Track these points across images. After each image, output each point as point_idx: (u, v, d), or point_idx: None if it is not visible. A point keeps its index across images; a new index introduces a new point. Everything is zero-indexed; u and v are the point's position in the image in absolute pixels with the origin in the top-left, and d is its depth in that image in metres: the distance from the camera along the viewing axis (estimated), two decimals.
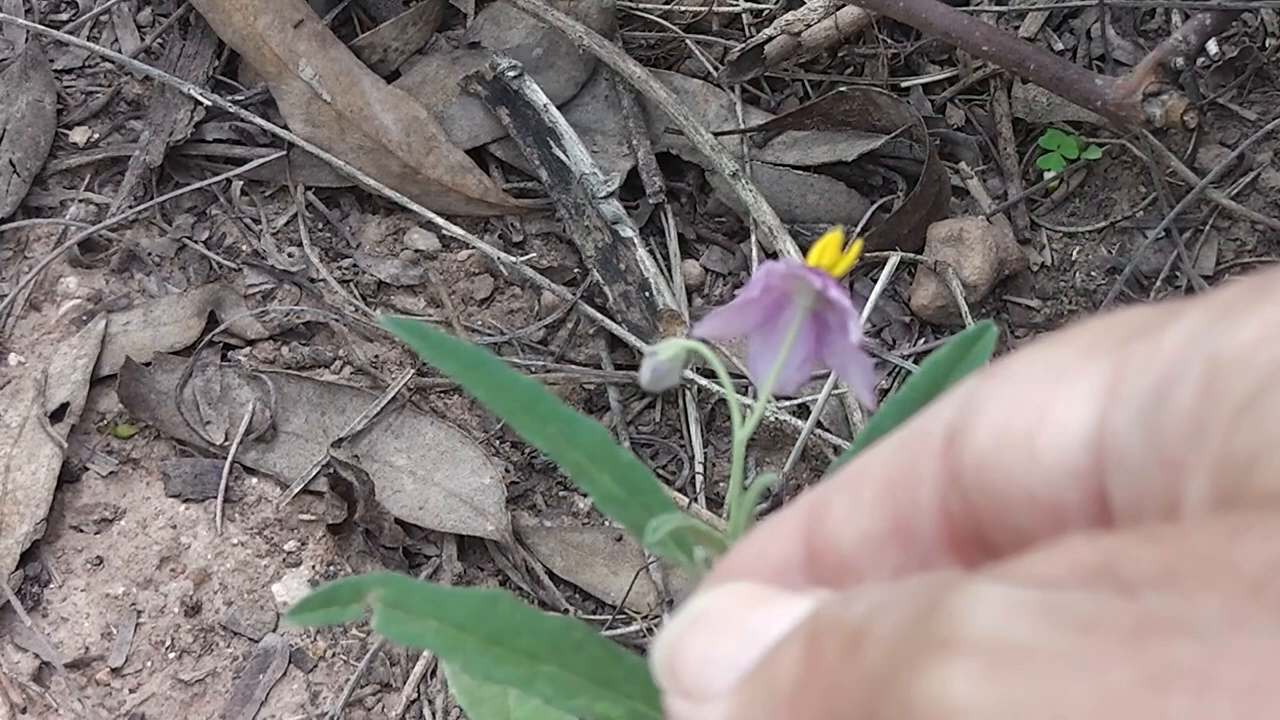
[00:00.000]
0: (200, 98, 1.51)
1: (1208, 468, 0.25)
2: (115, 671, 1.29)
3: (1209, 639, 0.21)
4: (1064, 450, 0.27)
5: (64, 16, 1.61)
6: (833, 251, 0.33)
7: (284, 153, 1.51)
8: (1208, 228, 1.48)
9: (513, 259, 1.45)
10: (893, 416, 0.35)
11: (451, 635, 0.31)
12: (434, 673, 1.28)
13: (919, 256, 1.44)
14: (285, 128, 1.51)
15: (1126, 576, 0.22)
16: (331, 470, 1.34)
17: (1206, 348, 0.25)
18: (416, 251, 1.49)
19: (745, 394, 1.35)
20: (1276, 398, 0.24)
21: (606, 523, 1.37)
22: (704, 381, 1.38)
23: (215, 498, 1.35)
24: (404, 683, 1.28)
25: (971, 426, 0.28)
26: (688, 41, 1.57)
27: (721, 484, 1.41)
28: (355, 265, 1.48)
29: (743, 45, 1.54)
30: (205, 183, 1.50)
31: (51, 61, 1.57)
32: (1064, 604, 0.22)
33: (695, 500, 1.35)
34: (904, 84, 1.55)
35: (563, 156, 1.48)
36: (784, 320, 0.32)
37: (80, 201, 1.51)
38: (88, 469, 1.37)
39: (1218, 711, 0.20)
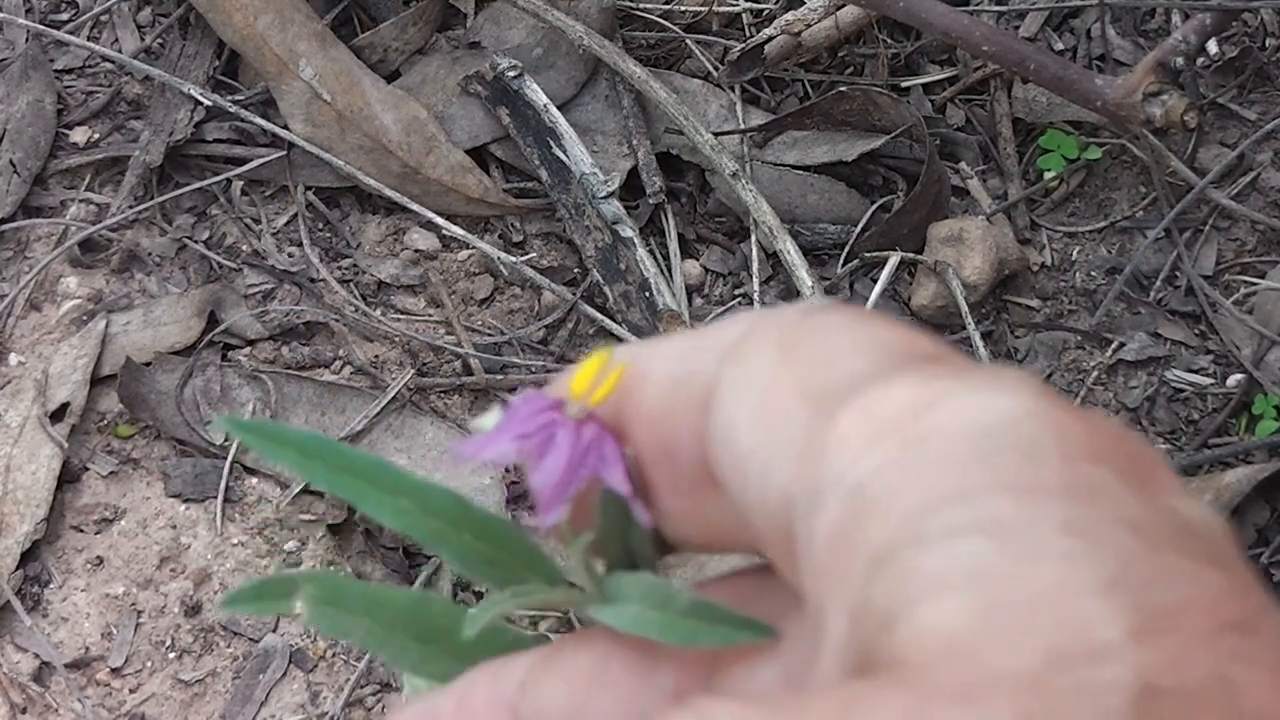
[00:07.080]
0: (200, 98, 1.51)
1: (847, 608, 0.25)
2: (115, 671, 1.29)
3: None
4: (775, 498, 0.28)
5: (64, 16, 1.61)
6: (590, 377, 0.30)
7: (284, 153, 1.51)
8: (1208, 228, 1.48)
9: (513, 259, 1.45)
10: None
11: (381, 632, 0.32)
12: None
13: (919, 256, 1.44)
14: (285, 128, 1.51)
15: None
16: None
17: (856, 472, 0.26)
18: (416, 251, 1.49)
19: None
20: (912, 557, 0.24)
21: None
22: None
23: (215, 498, 1.35)
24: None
25: (714, 431, 0.29)
26: (688, 41, 1.57)
27: None
28: (355, 265, 1.48)
29: (743, 45, 1.54)
30: (205, 183, 1.50)
31: (51, 61, 1.57)
32: None
33: None
34: (904, 84, 1.55)
35: (563, 156, 1.48)
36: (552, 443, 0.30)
37: (80, 201, 1.51)
38: (88, 469, 1.37)
39: None
